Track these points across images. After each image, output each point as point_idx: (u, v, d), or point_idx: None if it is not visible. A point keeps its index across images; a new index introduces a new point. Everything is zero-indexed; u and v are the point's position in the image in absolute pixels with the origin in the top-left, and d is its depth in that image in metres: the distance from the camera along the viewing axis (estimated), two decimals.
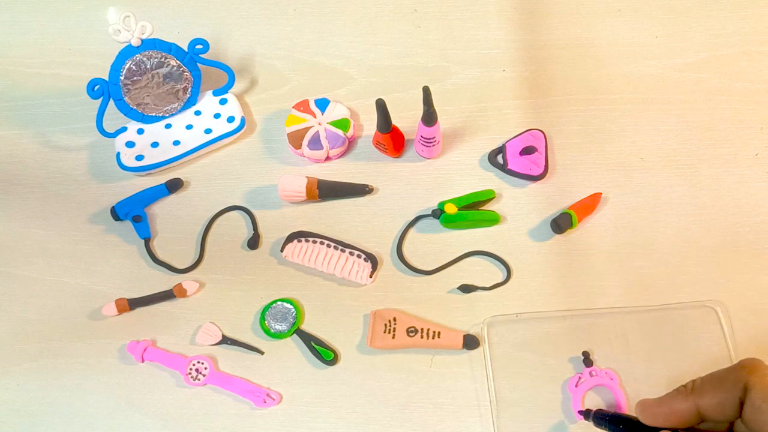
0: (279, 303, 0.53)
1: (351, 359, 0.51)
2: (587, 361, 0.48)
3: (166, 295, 0.54)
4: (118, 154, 0.59)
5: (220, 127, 0.60)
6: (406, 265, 0.54)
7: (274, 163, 0.59)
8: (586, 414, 0.44)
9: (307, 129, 0.58)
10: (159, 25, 0.58)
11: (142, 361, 0.52)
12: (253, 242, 0.56)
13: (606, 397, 0.48)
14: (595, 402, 0.48)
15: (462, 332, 0.50)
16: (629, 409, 0.47)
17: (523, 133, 0.57)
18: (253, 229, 0.56)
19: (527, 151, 0.56)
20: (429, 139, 0.54)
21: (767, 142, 0.56)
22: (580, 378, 0.48)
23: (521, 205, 0.55)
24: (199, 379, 0.51)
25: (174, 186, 0.58)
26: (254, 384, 0.51)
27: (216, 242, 0.56)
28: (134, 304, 0.54)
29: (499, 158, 0.57)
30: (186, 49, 0.59)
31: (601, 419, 0.42)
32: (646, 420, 0.38)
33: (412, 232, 0.55)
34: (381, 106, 0.52)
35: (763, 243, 0.52)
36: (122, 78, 0.57)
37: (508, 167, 0.56)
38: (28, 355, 0.53)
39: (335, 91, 0.62)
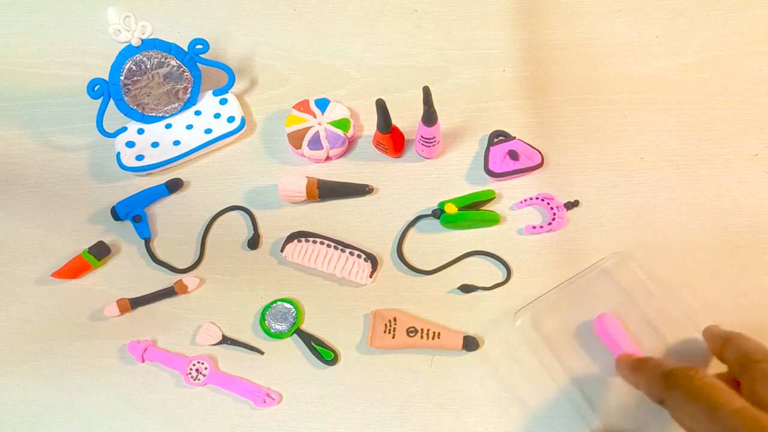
0: (279, 303, 0.53)
1: (351, 359, 0.51)
2: None
3: (168, 292, 0.54)
4: (118, 154, 0.59)
5: (220, 127, 0.60)
6: (406, 265, 0.54)
7: (274, 163, 0.59)
8: None
9: (307, 129, 0.58)
10: (159, 25, 0.58)
11: (143, 361, 0.52)
12: (253, 242, 0.56)
13: None
14: None
15: (462, 333, 0.50)
16: None
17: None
18: (253, 229, 0.56)
19: (513, 155, 0.56)
20: (429, 139, 0.54)
21: (767, 142, 0.56)
22: None
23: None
24: (199, 379, 0.51)
25: (174, 186, 0.58)
26: (254, 384, 0.51)
27: (216, 242, 0.56)
28: (135, 303, 0.54)
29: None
30: (186, 49, 0.59)
31: None
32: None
33: (412, 232, 0.55)
34: (381, 106, 0.52)
35: (763, 243, 0.52)
36: (122, 78, 0.57)
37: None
38: (28, 355, 0.53)
39: (335, 91, 0.62)
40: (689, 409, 0.38)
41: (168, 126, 0.61)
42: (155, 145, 0.60)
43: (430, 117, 0.52)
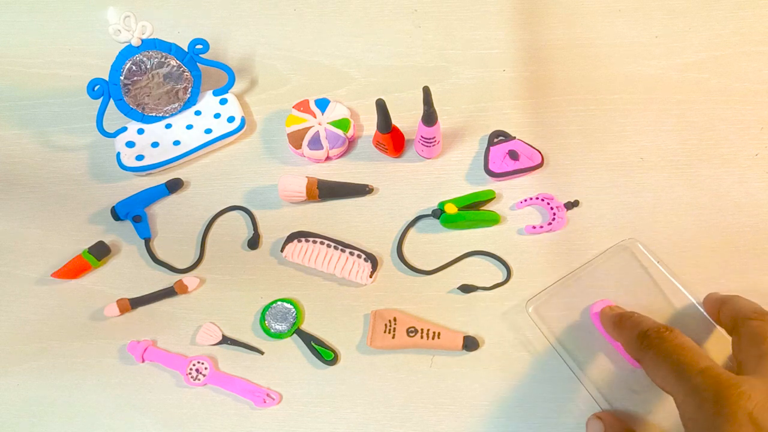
0: (279, 303, 0.53)
1: (351, 359, 0.51)
2: None
3: (168, 292, 0.54)
4: (118, 154, 0.59)
5: (220, 127, 0.60)
6: (406, 265, 0.54)
7: (274, 163, 0.59)
8: None
9: (307, 129, 0.58)
10: (159, 25, 0.58)
11: (143, 361, 0.52)
12: (253, 242, 0.56)
13: None
14: None
15: (462, 333, 0.50)
16: None
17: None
18: (253, 229, 0.56)
19: (513, 155, 0.56)
20: (429, 139, 0.54)
21: (767, 142, 0.56)
22: None
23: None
24: (199, 379, 0.51)
25: (174, 186, 0.58)
26: (254, 384, 0.51)
27: (216, 242, 0.57)
28: (135, 303, 0.54)
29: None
30: (186, 49, 0.59)
31: None
32: None
33: (412, 232, 0.55)
34: (381, 106, 0.52)
35: (763, 243, 0.52)
36: (122, 78, 0.57)
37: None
38: (28, 355, 0.53)
39: (335, 91, 0.62)
40: (661, 370, 0.39)
41: (168, 126, 0.61)
42: (155, 145, 0.60)
43: (430, 117, 0.52)
